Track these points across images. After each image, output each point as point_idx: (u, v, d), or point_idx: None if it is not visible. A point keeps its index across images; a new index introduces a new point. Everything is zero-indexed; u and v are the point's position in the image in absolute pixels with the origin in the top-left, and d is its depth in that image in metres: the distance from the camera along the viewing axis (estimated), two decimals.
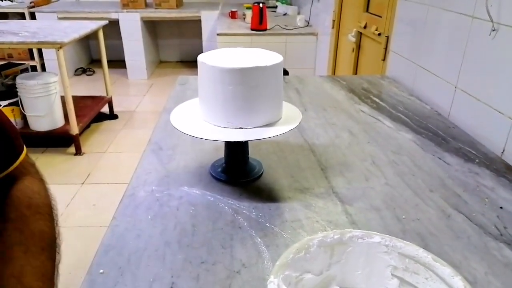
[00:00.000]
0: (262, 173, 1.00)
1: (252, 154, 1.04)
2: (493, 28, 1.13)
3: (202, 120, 0.92)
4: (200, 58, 0.89)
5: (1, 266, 0.56)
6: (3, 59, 4.40)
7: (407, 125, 1.30)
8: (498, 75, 1.13)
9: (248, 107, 0.86)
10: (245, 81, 0.84)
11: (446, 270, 0.55)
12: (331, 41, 2.98)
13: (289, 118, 0.93)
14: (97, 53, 4.27)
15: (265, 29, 3.34)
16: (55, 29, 3.13)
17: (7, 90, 2.97)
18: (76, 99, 3.19)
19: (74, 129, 2.97)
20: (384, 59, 1.96)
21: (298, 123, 0.90)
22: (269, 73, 0.86)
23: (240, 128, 0.88)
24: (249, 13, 3.46)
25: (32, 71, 3.37)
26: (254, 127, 0.88)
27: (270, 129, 0.88)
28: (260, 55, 0.91)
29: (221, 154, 1.03)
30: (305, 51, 3.40)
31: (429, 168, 1.04)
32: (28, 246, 0.60)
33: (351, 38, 2.46)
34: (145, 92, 4.47)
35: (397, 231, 0.80)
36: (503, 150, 1.10)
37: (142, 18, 4.56)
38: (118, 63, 4.87)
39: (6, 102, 2.90)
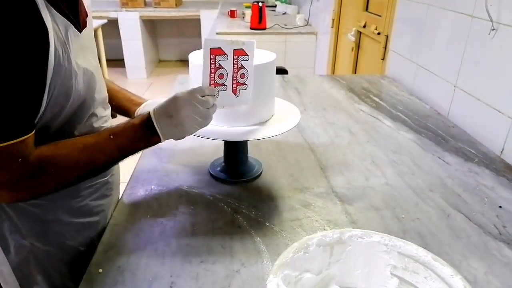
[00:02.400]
0: (261, 173, 1.00)
1: (252, 153, 1.04)
2: (492, 28, 1.13)
3: None
4: (191, 58, 0.88)
5: None
6: None
7: (407, 125, 1.30)
8: (498, 74, 1.13)
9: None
10: None
11: (445, 270, 0.55)
12: (331, 40, 2.98)
13: (288, 118, 0.93)
14: (96, 52, 4.26)
15: (265, 28, 3.34)
16: None
17: None
18: None
19: None
20: (383, 59, 1.96)
21: (297, 123, 0.90)
22: (263, 71, 0.86)
23: (236, 126, 0.87)
24: (248, 12, 3.46)
25: None
26: (253, 126, 0.88)
27: (269, 129, 0.88)
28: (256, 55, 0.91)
29: (221, 153, 1.03)
30: (304, 50, 3.40)
31: (428, 167, 1.04)
32: None
33: (351, 37, 2.46)
34: (145, 91, 4.47)
35: (397, 231, 0.80)
36: (503, 149, 1.10)
37: (141, 17, 4.55)
38: (117, 62, 4.86)
39: None
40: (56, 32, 0.60)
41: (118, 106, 0.94)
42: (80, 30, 0.68)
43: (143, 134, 0.71)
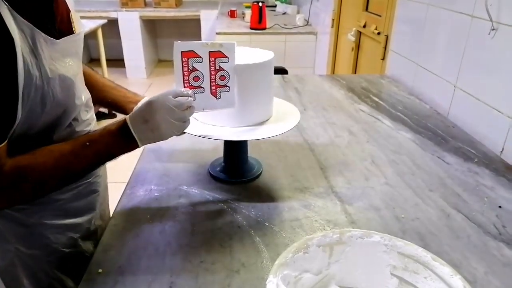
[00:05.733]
0: (261, 173, 1.00)
1: (252, 153, 1.04)
2: (492, 27, 1.13)
3: (201, 119, 0.92)
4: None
5: None
6: None
7: (407, 125, 1.30)
8: (498, 74, 1.13)
9: (241, 106, 0.86)
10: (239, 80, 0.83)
11: (445, 270, 0.55)
12: (331, 40, 2.98)
13: (288, 118, 0.93)
14: (96, 52, 4.26)
15: (265, 28, 3.34)
16: None
17: None
18: None
19: None
20: (383, 58, 1.96)
21: (297, 123, 0.90)
22: (262, 70, 0.86)
23: (237, 127, 0.87)
24: (248, 12, 3.46)
25: None
26: (254, 126, 0.88)
27: (269, 129, 0.88)
28: (252, 54, 0.91)
29: (220, 153, 1.03)
30: (304, 50, 3.40)
31: (428, 167, 1.04)
32: None
33: (351, 37, 2.46)
34: (144, 91, 4.46)
35: (397, 231, 0.80)
36: (502, 149, 1.10)
37: (141, 17, 4.55)
38: (117, 62, 4.86)
39: None
40: (22, 39, 0.58)
41: (114, 103, 0.94)
42: (56, 37, 0.66)
43: (120, 140, 0.70)
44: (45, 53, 0.63)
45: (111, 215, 0.86)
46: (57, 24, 0.68)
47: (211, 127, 0.88)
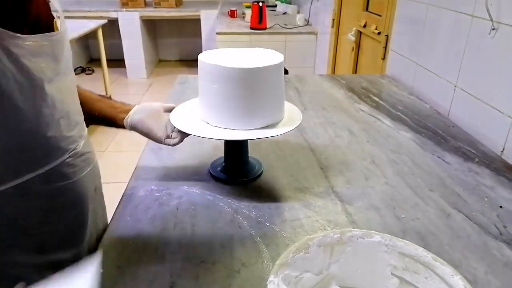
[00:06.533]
0: (261, 172, 1.00)
1: (252, 153, 1.04)
2: (492, 27, 1.13)
3: (202, 119, 0.92)
4: (201, 57, 0.88)
5: None
6: None
7: (407, 124, 1.30)
8: (498, 74, 1.13)
9: (249, 108, 0.86)
10: (246, 81, 0.83)
11: (446, 269, 0.55)
12: (331, 40, 2.98)
13: (289, 118, 0.93)
14: (96, 52, 4.25)
15: (265, 28, 3.34)
16: None
17: None
18: None
19: None
20: (383, 58, 1.96)
21: (298, 124, 0.90)
22: (271, 73, 0.86)
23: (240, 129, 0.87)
24: (248, 12, 3.46)
25: None
26: (255, 128, 0.88)
27: (270, 129, 0.88)
28: (261, 55, 0.91)
29: (221, 153, 1.03)
30: (304, 50, 3.40)
31: (428, 167, 1.04)
32: None
33: (351, 37, 2.46)
34: (144, 91, 4.47)
35: (397, 231, 0.80)
36: (503, 149, 1.10)
37: (141, 17, 4.55)
38: (117, 62, 4.86)
39: None
40: None
41: (102, 116, 0.88)
42: (25, 33, 0.59)
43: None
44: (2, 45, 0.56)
45: (107, 229, 0.81)
46: (29, 20, 0.62)
47: (211, 126, 0.88)
